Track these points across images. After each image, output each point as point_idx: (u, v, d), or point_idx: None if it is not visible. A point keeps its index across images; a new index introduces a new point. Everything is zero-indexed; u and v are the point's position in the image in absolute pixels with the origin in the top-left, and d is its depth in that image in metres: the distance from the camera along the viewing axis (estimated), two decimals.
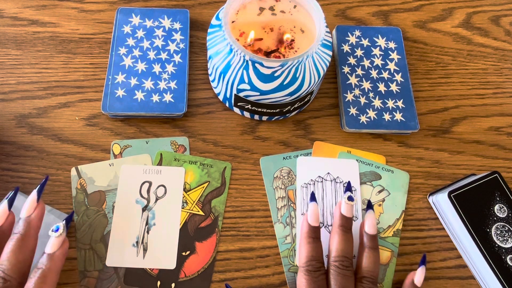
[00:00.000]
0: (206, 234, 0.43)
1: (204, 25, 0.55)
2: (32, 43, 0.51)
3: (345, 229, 0.40)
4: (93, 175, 0.45)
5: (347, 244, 0.39)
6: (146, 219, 0.43)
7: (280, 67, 0.41)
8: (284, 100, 0.44)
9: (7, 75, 0.49)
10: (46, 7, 0.54)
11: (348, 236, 0.40)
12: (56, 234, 0.36)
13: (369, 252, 0.39)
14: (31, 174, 0.45)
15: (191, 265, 0.42)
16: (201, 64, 0.52)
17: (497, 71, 0.55)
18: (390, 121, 0.49)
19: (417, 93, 0.52)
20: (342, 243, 0.39)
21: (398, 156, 0.49)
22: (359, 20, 0.57)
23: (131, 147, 0.47)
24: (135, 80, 0.48)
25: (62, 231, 0.36)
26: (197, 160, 0.46)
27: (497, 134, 0.51)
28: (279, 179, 0.46)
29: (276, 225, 0.44)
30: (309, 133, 0.49)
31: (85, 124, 0.48)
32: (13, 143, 0.46)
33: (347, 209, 0.40)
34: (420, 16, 0.58)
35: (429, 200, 0.47)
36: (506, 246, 0.42)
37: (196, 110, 0.49)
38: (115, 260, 0.41)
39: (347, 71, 0.51)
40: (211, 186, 0.45)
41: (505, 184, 0.44)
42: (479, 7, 0.59)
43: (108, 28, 0.53)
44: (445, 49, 0.56)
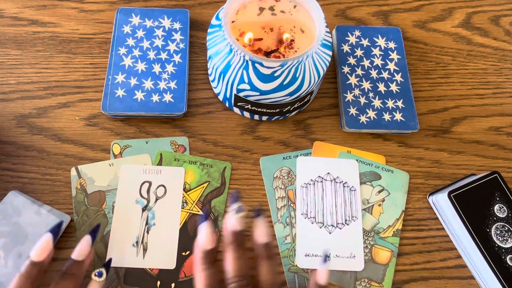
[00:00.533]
0: None
1: (204, 25, 0.55)
2: (32, 43, 0.51)
3: (237, 246, 0.36)
4: (93, 175, 0.45)
5: (241, 261, 0.36)
6: (146, 219, 0.43)
7: (280, 67, 0.41)
8: (284, 100, 0.44)
9: (7, 75, 0.49)
10: (46, 7, 0.54)
11: (241, 253, 0.36)
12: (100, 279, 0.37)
13: (264, 263, 0.36)
14: (31, 174, 0.45)
15: (191, 265, 0.42)
16: (201, 64, 0.52)
17: (497, 71, 0.55)
18: (390, 121, 0.49)
19: (417, 93, 0.52)
20: (235, 261, 0.36)
21: (398, 156, 0.49)
22: (359, 20, 0.57)
23: (131, 147, 0.47)
24: (135, 80, 0.48)
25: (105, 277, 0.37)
26: (197, 160, 0.46)
27: (497, 134, 0.51)
28: (279, 179, 0.46)
29: (276, 225, 0.44)
30: (309, 133, 0.49)
31: (85, 124, 0.48)
32: (13, 143, 0.46)
33: (235, 223, 0.37)
34: (420, 16, 0.58)
35: (429, 200, 0.47)
36: (506, 246, 0.42)
37: (196, 110, 0.49)
38: (115, 260, 0.41)
39: (347, 71, 0.51)
40: (211, 186, 0.45)
41: (505, 184, 0.44)
42: (479, 7, 0.59)
43: (108, 28, 0.53)
44: (445, 49, 0.56)
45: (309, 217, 0.45)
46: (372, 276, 0.43)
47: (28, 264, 0.35)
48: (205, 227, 0.37)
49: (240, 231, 0.37)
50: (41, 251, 0.35)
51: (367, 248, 0.44)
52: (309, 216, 0.45)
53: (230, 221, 0.37)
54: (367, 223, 0.45)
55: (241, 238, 0.37)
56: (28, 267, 0.35)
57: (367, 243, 0.44)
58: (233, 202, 0.38)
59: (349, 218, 0.45)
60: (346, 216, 0.45)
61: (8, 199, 0.42)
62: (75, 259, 0.37)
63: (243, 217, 0.37)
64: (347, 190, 0.46)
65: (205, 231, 0.37)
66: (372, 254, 0.44)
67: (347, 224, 0.44)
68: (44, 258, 0.35)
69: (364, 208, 0.45)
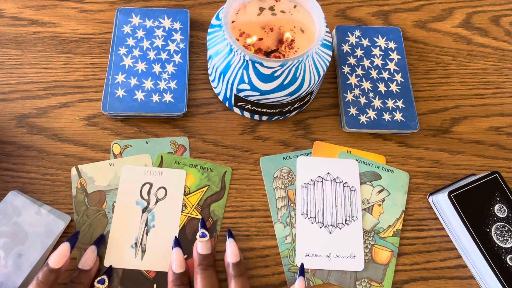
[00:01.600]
0: None
1: (204, 25, 0.55)
2: (32, 43, 0.51)
3: (205, 267, 0.39)
4: (93, 175, 0.45)
5: (209, 281, 0.38)
6: (146, 221, 0.43)
7: (280, 67, 0.41)
8: (284, 100, 0.44)
9: (7, 75, 0.49)
10: (46, 7, 0.54)
11: (209, 273, 0.39)
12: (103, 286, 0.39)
13: (236, 280, 0.38)
14: (31, 174, 0.45)
15: (189, 268, 0.42)
16: (201, 64, 0.52)
17: (497, 71, 0.55)
18: (390, 121, 0.49)
19: (417, 93, 0.52)
20: (203, 282, 0.38)
21: (398, 156, 0.49)
22: (359, 20, 0.57)
23: (131, 147, 0.47)
24: (135, 80, 0.48)
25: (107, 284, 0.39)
26: (198, 163, 0.46)
27: (497, 134, 0.51)
28: (279, 179, 0.46)
29: (276, 225, 0.44)
30: (309, 133, 0.49)
31: (85, 124, 0.48)
32: (13, 143, 0.46)
33: (202, 247, 0.40)
34: (420, 16, 0.58)
35: (429, 200, 0.47)
36: (506, 246, 0.42)
37: (196, 110, 0.49)
38: (113, 261, 0.41)
39: (347, 71, 0.51)
40: (210, 190, 0.45)
41: (505, 184, 0.44)
42: (479, 7, 0.59)
43: (108, 28, 0.53)
44: (445, 49, 0.56)
45: (309, 217, 0.45)
46: (372, 276, 0.43)
47: (45, 270, 0.36)
48: (176, 252, 0.40)
49: (207, 254, 0.39)
50: (59, 259, 0.37)
51: (367, 248, 0.44)
52: (309, 216, 0.45)
53: (199, 246, 0.40)
54: (367, 223, 0.45)
55: (209, 259, 0.39)
56: (45, 273, 0.36)
57: (367, 243, 0.44)
58: (200, 227, 0.41)
59: (349, 218, 0.45)
60: (346, 216, 0.45)
61: (8, 199, 0.42)
62: (81, 269, 0.39)
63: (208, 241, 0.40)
64: (347, 190, 0.46)
65: (176, 256, 0.39)
66: (372, 254, 0.44)
67: (347, 224, 0.44)
68: (61, 266, 0.37)
69: (364, 208, 0.45)
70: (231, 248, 0.40)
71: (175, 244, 0.40)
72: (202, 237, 0.40)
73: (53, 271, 0.37)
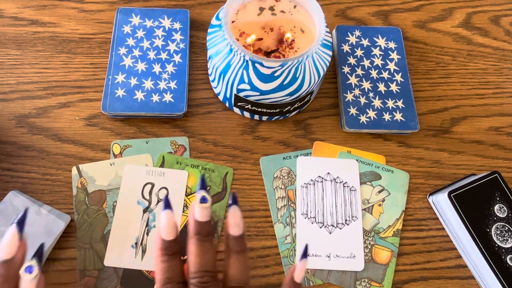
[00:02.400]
0: None
1: (204, 25, 0.55)
2: (32, 43, 0.51)
3: (202, 238, 0.33)
4: (94, 174, 0.45)
5: (205, 255, 0.32)
6: (147, 221, 0.43)
7: (280, 67, 0.41)
8: (284, 100, 0.44)
9: (7, 75, 0.49)
10: (46, 7, 0.54)
11: (206, 246, 0.33)
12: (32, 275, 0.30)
13: (235, 258, 0.33)
14: (31, 174, 0.45)
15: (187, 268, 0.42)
16: (201, 64, 0.52)
17: (497, 71, 0.55)
18: (390, 121, 0.49)
19: (417, 93, 0.52)
20: (199, 255, 0.32)
21: (398, 156, 0.49)
22: (359, 20, 0.57)
23: (131, 147, 0.47)
24: (135, 80, 0.48)
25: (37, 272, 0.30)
26: (199, 164, 0.46)
27: (497, 134, 0.51)
28: (279, 179, 0.46)
29: (276, 225, 0.44)
30: (309, 133, 0.49)
31: (85, 124, 0.48)
32: (13, 143, 0.46)
33: (201, 213, 0.33)
34: (420, 16, 0.58)
35: (429, 200, 0.47)
36: (506, 246, 0.42)
37: (196, 110, 0.49)
38: (113, 260, 0.41)
39: (347, 71, 0.51)
40: (212, 191, 0.45)
41: (505, 184, 0.44)
42: (479, 7, 0.59)
43: (108, 28, 0.53)
44: (445, 49, 0.56)
45: (309, 217, 0.45)
46: (372, 276, 0.43)
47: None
48: (166, 215, 0.33)
49: (205, 222, 0.33)
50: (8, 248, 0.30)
51: (367, 248, 0.44)
52: (309, 216, 0.45)
53: (197, 211, 0.33)
54: (367, 223, 0.45)
55: (206, 230, 0.33)
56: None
57: (367, 243, 0.44)
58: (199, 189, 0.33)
59: (349, 218, 0.45)
60: (346, 216, 0.45)
61: (8, 199, 0.42)
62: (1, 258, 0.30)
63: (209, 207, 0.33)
64: (347, 190, 0.46)
65: (165, 220, 0.33)
66: (372, 254, 0.44)
67: (347, 224, 0.44)
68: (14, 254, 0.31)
69: (364, 208, 0.45)
70: (234, 218, 0.33)
71: (165, 205, 0.33)
72: (203, 202, 0.33)
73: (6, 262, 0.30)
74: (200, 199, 0.33)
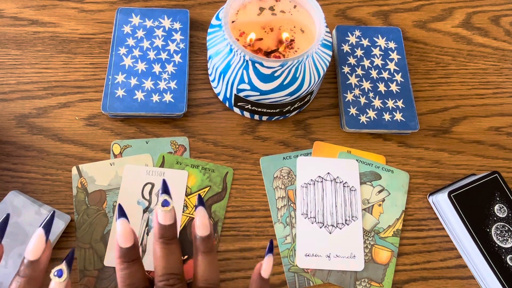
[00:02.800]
0: None
1: (204, 25, 0.55)
2: (32, 43, 0.51)
3: (167, 240, 0.33)
4: (94, 174, 0.45)
5: (171, 257, 0.33)
6: (147, 221, 0.43)
7: (280, 67, 0.41)
8: (284, 100, 0.44)
9: (7, 75, 0.49)
10: (46, 7, 0.54)
11: (172, 248, 0.33)
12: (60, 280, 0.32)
13: (203, 258, 0.34)
14: (31, 174, 0.45)
15: (189, 269, 0.42)
16: (201, 64, 0.52)
17: (497, 71, 0.55)
18: (390, 121, 0.49)
19: (417, 93, 0.52)
20: (164, 258, 0.33)
21: (398, 156, 0.49)
22: (359, 20, 0.57)
23: (131, 147, 0.47)
24: (135, 80, 0.48)
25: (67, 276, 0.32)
26: (199, 164, 0.46)
27: (497, 134, 0.51)
28: (279, 179, 0.46)
29: (276, 225, 0.44)
30: (309, 133, 0.49)
31: (85, 124, 0.48)
32: (13, 143, 0.46)
33: (164, 217, 0.33)
34: (420, 16, 0.58)
35: (429, 200, 0.47)
36: (506, 246, 0.42)
37: (196, 110, 0.49)
38: (113, 261, 0.41)
39: (347, 71, 0.51)
40: (212, 191, 0.45)
41: (505, 184, 0.44)
42: (479, 7, 0.59)
43: (108, 28, 0.53)
44: (445, 49, 0.56)
45: (309, 217, 0.45)
46: (372, 276, 0.43)
47: (24, 265, 0.32)
48: (121, 223, 0.33)
49: (168, 225, 0.34)
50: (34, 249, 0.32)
51: (367, 248, 0.44)
52: (309, 216, 0.45)
53: (160, 215, 0.34)
54: (367, 223, 0.45)
55: (170, 232, 0.34)
56: (25, 268, 0.32)
57: (367, 243, 0.44)
58: (161, 193, 0.34)
59: (349, 218, 0.45)
60: (346, 216, 0.45)
61: (8, 199, 0.42)
62: (28, 259, 0.32)
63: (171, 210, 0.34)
64: (347, 190, 0.46)
65: (120, 228, 0.33)
66: (372, 254, 0.44)
67: (347, 224, 0.44)
68: (39, 256, 0.32)
69: (364, 208, 0.45)
70: (201, 219, 0.34)
71: (119, 213, 0.33)
72: (165, 206, 0.34)
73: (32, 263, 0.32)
74: (162, 202, 0.34)
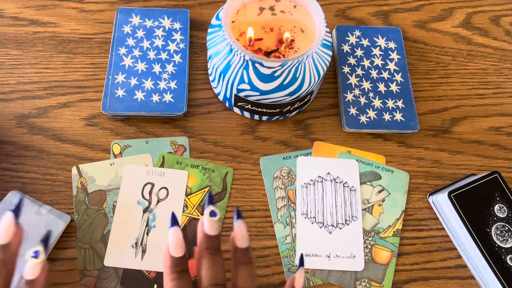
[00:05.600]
0: None
1: (204, 25, 0.55)
2: (32, 43, 0.51)
3: (213, 251, 0.34)
4: (94, 174, 0.45)
5: (217, 268, 0.33)
6: (147, 221, 0.43)
7: (280, 67, 0.41)
8: (284, 100, 0.44)
9: (7, 75, 0.49)
10: (46, 7, 0.54)
11: (217, 259, 0.34)
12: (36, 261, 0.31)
13: (244, 269, 0.34)
14: (31, 174, 0.45)
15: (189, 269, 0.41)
16: (201, 64, 0.52)
17: (497, 71, 0.55)
18: (390, 121, 0.49)
19: (417, 93, 0.52)
20: (211, 268, 0.33)
21: (398, 156, 0.49)
22: (359, 20, 0.57)
23: (131, 147, 0.47)
24: (135, 80, 0.48)
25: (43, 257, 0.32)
26: (199, 164, 0.46)
27: (497, 134, 0.51)
28: (279, 179, 0.46)
29: (276, 225, 0.44)
30: (309, 133, 0.49)
31: (85, 124, 0.48)
32: (13, 143, 0.46)
33: (211, 227, 0.34)
34: (420, 16, 0.58)
35: (429, 200, 0.47)
36: (506, 246, 0.42)
37: (196, 110, 0.49)
38: (113, 260, 0.41)
39: (347, 71, 0.51)
40: (212, 191, 0.45)
41: (505, 184, 0.44)
42: (479, 7, 0.59)
43: (108, 28, 0.53)
44: (445, 49, 0.56)
45: (309, 217, 0.45)
46: (372, 276, 0.43)
47: None
48: (174, 232, 0.34)
49: (214, 236, 0.34)
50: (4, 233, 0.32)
51: (367, 248, 0.44)
52: (309, 216, 0.45)
53: (207, 224, 0.34)
54: (367, 223, 0.45)
55: (215, 243, 0.34)
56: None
57: (367, 243, 0.44)
58: (207, 204, 0.35)
59: (349, 218, 0.45)
60: (346, 216, 0.45)
61: (8, 199, 0.42)
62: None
63: (218, 221, 0.35)
64: (347, 190, 0.46)
65: (173, 237, 0.34)
66: (372, 254, 0.44)
67: (347, 224, 0.44)
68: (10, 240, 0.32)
69: (364, 208, 0.45)
70: (241, 231, 0.34)
71: (172, 222, 0.34)
72: (212, 216, 0.34)
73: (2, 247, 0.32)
74: (210, 212, 0.34)
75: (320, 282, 0.42)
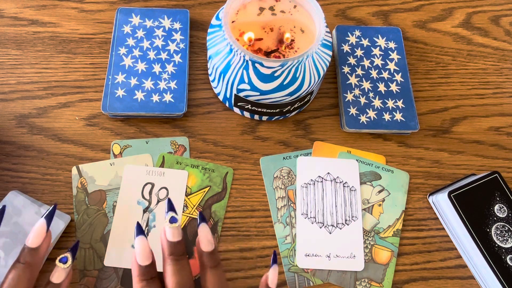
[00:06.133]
0: None
1: (204, 25, 0.55)
2: (32, 43, 0.51)
3: (177, 257, 0.35)
4: (94, 174, 0.45)
5: (182, 273, 0.34)
6: (147, 221, 0.43)
7: (280, 67, 0.41)
8: (284, 100, 0.44)
9: (7, 75, 0.49)
10: (46, 7, 0.54)
11: (182, 264, 0.34)
12: (64, 266, 0.34)
13: (211, 272, 0.35)
14: (31, 174, 0.45)
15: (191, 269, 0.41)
16: (201, 64, 0.52)
17: (497, 71, 0.55)
18: (390, 121, 0.49)
19: (417, 93, 0.52)
20: (177, 274, 0.34)
21: (398, 156, 0.49)
22: (359, 20, 0.57)
23: (131, 147, 0.47)
24: (135, 80, 0.48)
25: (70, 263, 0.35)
26: (199, 164, 0.46)
27: (497, 134, 0.51)
28: (279, 179, 0.46)
29: (276, 225, 0.44)
30: (309, 133, 0.49)
31: (85, 124, 0.48)
32: (13, 143, 0.46)
33: (172, 233, 0.35)
34: (420, 16, 0.58)
35: (429, 200, 0.47)
36: (506, 246, 0.42)
37: (196, 110, 0.49)
38: (113, 260, 0.41)
39: (347, 71, 0.51)
40: (212, 191, 0.45)
41: (505, 184, 0.44)
42: (479, 7, 0.59)
43: (108, 28, 0.53)
44: (445, 49, 0.56)
45: (309, 217, 0.45)
46: (372, 276, 0.43)
47: (25, 252, 0.34)
48: (140, 241, 0.35)
49: (177, 241, 0.35)
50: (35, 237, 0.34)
51: (367, 248, 0.44)
52: (309, 216, 0.45)
53: (168, 232, 0.35)
54: (367, 223, 0.45)
55: (179, 249, 0.35)
56: (25, 255, 0.33)
57: (367, 243, 0.44)
58: (167, 211, 0.36)
59: (349, 218, 0.45)
60: (346, 216, 0.45)
61: (8, 199, 0.42)
62: (28, 246, 0.34)
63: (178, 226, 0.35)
64: (347, 190, 0.46)
65: (139, 246, 0.35)
66: (372, 254, 0.44)
67: (347, 224, 0.44)
68: (40, 244, 0.34)
69: (364, 208, 0.45)
70: (205, 235, 0.35)
71: (137, 231, 0.35)
72: (172, 222, 0.35)
73: (32, 251, 0.34)
74: (170, 219, 0.35)
75: (320, 282, 0.42)
